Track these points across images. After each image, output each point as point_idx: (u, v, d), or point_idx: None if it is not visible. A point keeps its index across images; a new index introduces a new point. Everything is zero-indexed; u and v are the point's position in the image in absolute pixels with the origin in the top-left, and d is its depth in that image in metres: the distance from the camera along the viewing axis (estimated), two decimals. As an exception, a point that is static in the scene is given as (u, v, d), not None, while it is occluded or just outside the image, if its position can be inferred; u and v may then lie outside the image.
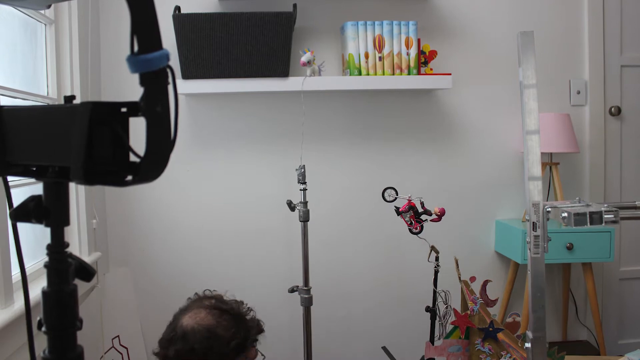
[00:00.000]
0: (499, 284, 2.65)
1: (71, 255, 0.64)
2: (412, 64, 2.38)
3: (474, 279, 1.82)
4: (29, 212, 0.62)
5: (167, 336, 1.40)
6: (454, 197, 2.64)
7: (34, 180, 0.64)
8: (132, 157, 0.57)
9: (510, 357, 1.66)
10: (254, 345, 1.44)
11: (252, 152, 2.54)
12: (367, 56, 2.37)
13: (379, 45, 2.37)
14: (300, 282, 2.16)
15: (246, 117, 2.53)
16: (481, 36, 2.62)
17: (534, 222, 1.13)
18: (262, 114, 2.54)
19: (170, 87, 0.56)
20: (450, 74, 2.41)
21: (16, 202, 0.64)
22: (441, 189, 2.63)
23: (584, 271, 2.48)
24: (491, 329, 1.71)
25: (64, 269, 0.63)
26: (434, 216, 1.86)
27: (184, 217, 2.52)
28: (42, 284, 0.64)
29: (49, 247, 0.62)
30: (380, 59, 2.37)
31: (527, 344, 1.16)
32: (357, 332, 2.65)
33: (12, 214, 0.62)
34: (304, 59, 2.27)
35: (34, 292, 0.81)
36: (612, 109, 2.71)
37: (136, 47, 0.53)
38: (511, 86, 2.62)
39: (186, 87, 2.29)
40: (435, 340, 1.91)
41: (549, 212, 1.15)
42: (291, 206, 2.13)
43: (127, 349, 2.28)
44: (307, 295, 2.12)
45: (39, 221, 0.62)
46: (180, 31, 2.23)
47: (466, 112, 2.64)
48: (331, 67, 2.53)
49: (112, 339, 2.27)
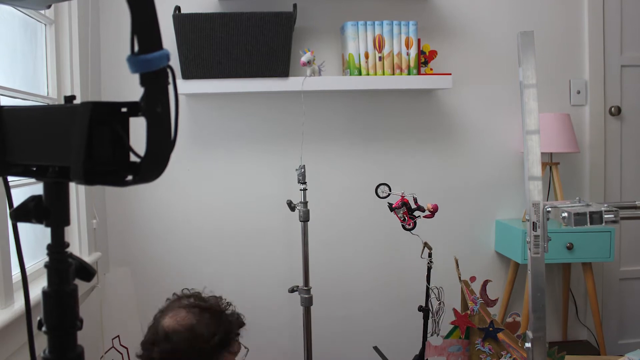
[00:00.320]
0: (499, 284, 2.65)
1: (71, 255, 0.64)
2: (412, 64, 2.38)
3: (474, 279, 1.82)
4: (29, 212, 0.62)
5: (149, 338, 1.41)
6: (454, 197, 2.64)
7: (34, 180, 0.64)
8: (133, 157, 0.57)
9: (510, 357, 1.66)
10: (236, 339, 1.45)
11: (252, 152, 2.54)
12: (367, 56, 2.37)
13: (379, 45, 2.37)
14: (300, 282, 2.16)
15: (246, 117, 2.53)
16: (481, 36, 2.62)
17: (534, 222, 1.13)
18: (262, 114, 2.54)
19: (170, 87, 0.56)
20: (450, 74, 2.41)
21: (16, 202, 0.64)
22: (441, 189, 2.63)
23: (584, 271, 2.48)
24: (491, 328, 1.71)
25: (64, 269, 0.63)
26: (427, 212, 1.85)
27: (184, 217, 2.52)
28: (43, 284, 0.64)
29: (49, 247, 0.62)
30: (380, 59, 2.37)
31: (527, 344, 1.16)
32: (357, 332, 2.65)
33: (12, 214, 0.62)
34: (304, 59, 2.27)
35: (34, 292, 0.81)
36: (612, 109, 2.71)
37: (136, 47, 0.53)
38: (511, 86, 2.62)
39: (186, 87, 2.29)
40: (428, 337, 1.91)
41: (549, 212, 1.15)
42: (291, 206, 2.13)
43: (127, 349, 2.28)
44: (307, 295, 2.12)
45: (39, 221, 0.62)
46: (180, 31, 2.23)
47: (466, 112, 2.64)
48: (331, 67, 2.53)
49: (112, 339, 2.27)
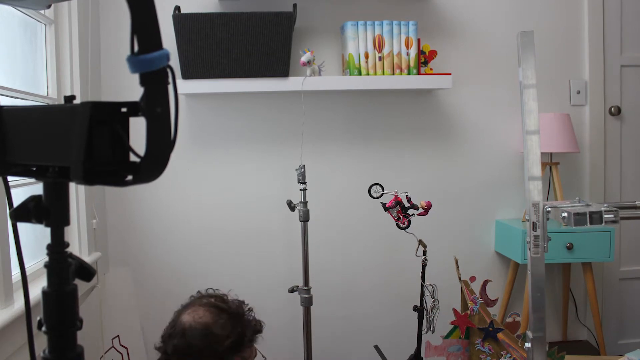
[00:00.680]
0: (499, 284, 2.65)
1: (71, 255, 0.64)
2: (412, 63, 2.38)
3: (474, 279, 1.82)
4: (29, 212, 0.62)
5: (167, 332, 1.45)
6: (454, 197, 2.64)
7: (34, 180, 0.64)
8: (133, 157, 0.57)
9: (510, 357, 1.66)
10: (250, 345, 1.47)
11: (252, 152, 2.54)
12: (367, 56, 2.37)
13: (379, 45, 2.37)
14: (300, 282, 2.16)
15: (246, 117, 2.53)
16: (481, 36, 2.62)
17: (533, 222, 1.13)
18: (262, 114, 2.54)
19: (170, 87, 0.56)
20: (450, 74, 2.41)
21: (16, 202, 0.64)
22: (441, 189, 2.63)
23: (584, 271, 2.48)
24: (491, 328, 1.71)
25: (64, 269, 0.63)
26: (421, 210, 1.85)
27: (184, 217, 2.52)
28: (43, 283, 0.64)
29: (49, 247, 0.63)
30: (380, 58, 2.37)
31: (527, 344, 1.16)
32: (358, 331, 2.65)
33: (12, 214, 0.62)
34: (304, 59, 2.27)
35: (34, 292, 0.81)
36: (612, 109, 2.71)
37: (136, 47, 0.53)
38: (511, 86, 2.62)
39: (186, 87, 2.29)
40: (423, 334, 1.91)
41: (548, 212, 1.15)
42: (291, 206, 2.13)
43: (127, 349, 2.28)
44: (307, 295, 2.12)
45: (39, 221, 0.62)
46: (180, 31, 2.23)
47: (466, 112, 2.64)
48: (331, 67, 2.53)
49: (112, 339, 2.27)
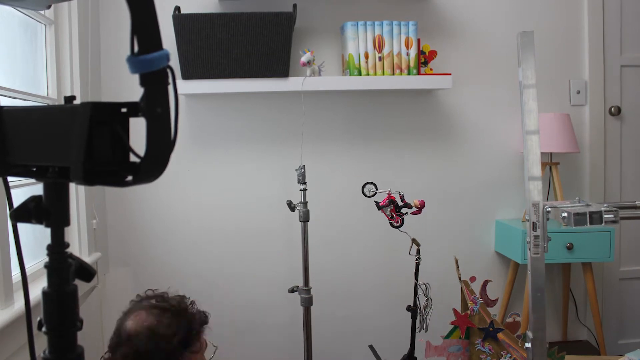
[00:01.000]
0: (499, 284, 2.65)
1: (71, 255, 0.64)
2: (412, 64, 2.38)
3: (474, 279, 1.82)
4: (29, 212, 0.62)
5: (113, 341, 1.42)
6: (454, 197, 2.64)
7: (34, 180, 0.64)
8: (133, 157, 0.57)
9: (510, 357, 1.66)
10: (198, 337, 1.44)
11: (252, 152, 2.54)
12: (367, 56, 2.37)
13: (379, 45, 2.37)
14: (300, 282, 2.16)
15: (246, 117, 2.53)
16: (481, 36, 2.62)
17: (533, 222, 1.13)
18: (262, 114, 2.54)
19: (170, 88, 0.56)
20: (450, 74, 2.41)
21: (17, 203, 0.64)
22: (441, 189, 2.63)
23: (584, 271, 2.48)
24: (491, 329, 1.71)
25: (64, 270, 0.63)
26: (414, 209, 1.85)
27: (184, 217, 2.52)
28: (43, 284, 0.64)
29: (49, 247, 0.63)
30: (380, 59, 2.37)
31: (527, 344, 1.16)
32: (358, 331, 2.65)
33: (12, 215, 0.62)
34: (304, 59, 2.27)
35: (35, 293, 0.81)
36: (612, 109, 2.71)
37: (136, 48, 0.53)
38: (511, 86, 2.62)
39: (186, 87, 2.29)
40: (416, 333, 1.91)
41: (548, 212, 1.15)
42: (291, 206, 2.13)
43: (127, 349, 2.28)
44: (307, 295, 2.12)
45: (39, 221, 0.62)
46: (180, 31, 2.23)
47: (466, 112, 2.64)
48: (331, 67, 2.53)
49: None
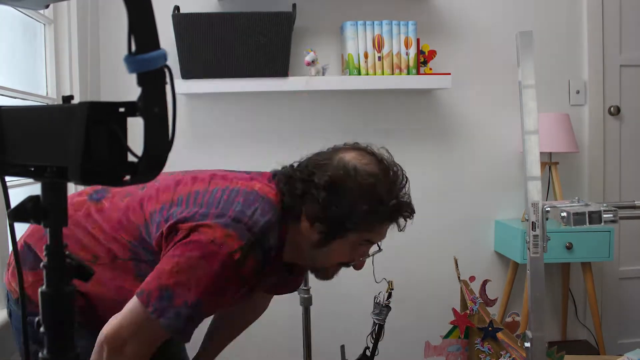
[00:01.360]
0: (498, 283, 2.64)
1: (70, 255, 0.64)
2: (411, 63, 2.38)
3: (473, 279, 1.82)
4: (27, 212, 0.62)
5: (317, 163, 1.21)
6: (453, 196, 2.64)
7: (32, 180, 0.64)
8: (130, 157, 0.57)
9: (509, 357, 1.66)
10: (402, 222, 1.24)
11: (252, 152, 2.54)
12: (366, 56, 2.36)
13: (379, 45, 2.36)
14: (299, 282, 2.16)
15: (246, 117, 2.53)
16: (481, 36, 2.62)
17: (533, 222, 1.13)
18: (261, 114, 2.53)
19: (168, 87, 0.56)
20: (449, 74, 2.41)
21: (15, 203, 0.64)
22: (440, 189, 2.63)
23: (583, 271, 2.48)
24: (491, 328, 1.71)
25: (62, 269, 0.63)
26: None
27: (184, 217, 2.51)
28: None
29: (47, 247, 0.62)
30: (379, 58, 2.37)
31: (527, 344, 1.16)
32: (357, 332, 2.64)
33: (10, 214, 0.62)
34: (308, 58, 2.28)
35: (33, 292, 0.81)
36: (612, 109, 2.71)
37: (134, 47, 0.53)
38: (511, 86, 2.61)
39: (186, 87, 2.29)
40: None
41: (548, 211, 1.15)
42: (291, 206, 2.12)
43: (126, 349, 2.28)
44: (306, 295, 2.12)
45: (37, 221, 0.62)
46: (179, 31, 2.23)
47: (466, 112, 2.63)
48: (331, 67, 2.52)
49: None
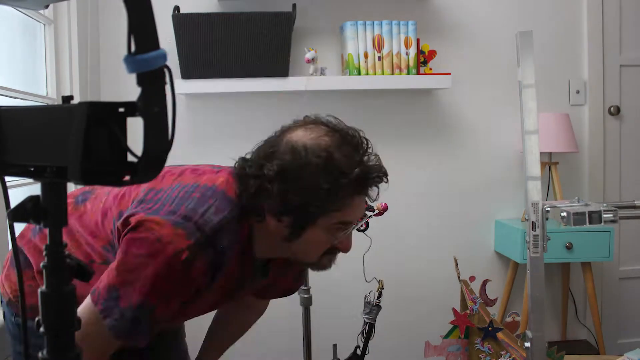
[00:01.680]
0: (498, 283, 2.64)
1: (69, 255, 0.64)
2: (411, 63, 2.38)
3: (473, 279, 1.82)
4: (27, 212, 0.61)
5: (265, 152, 1.06)
6: (453, 196, 2.64)
7: (32, 180, 0.64)
8: (130, 157, 0.57)
9: (509, 357, 1.66)
10: (374, 189, 1.10)
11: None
12: (366, 56, 2.36)
13: (379, 45, 2.36)
14: (299, 282, 2.16)
15: (245, 117, 2.53)
16: (481, 36, 2.62)
17: (533, 222, 1.13)
18: (261, 114, 2.53)
19: (167, 87, 0.56)
20: (449, 74, 2.41)
21: (14, 203, 0.64)
22: (440, 189, 2.63)
23: (583, 271, 2.48)
24: (491, 328, 1.71)
25: (62, 270, 0.63)
26: (377, 212, 1.89)
27: (184, 217, 2.51)
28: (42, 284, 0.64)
29: (47, 247, 0.62)
30: (379, 58, 2.37)
31: (527, 344, 1.16)
32: (357, 332, 2.64)
33: (10, 215, 0.62)
34: (309, 55, 2.31)
35: (33, 293, 0.81)
36: (612, 109, 2.71)
37: (133, 47, 0.53)
38: (511, 86, 2.61)
39: (186, 87, 2.29)
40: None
41: (548, 211, 1.15)
42: (291, 206, 2.12)
43: (126, 349, 2.28)
44: (306, 295, 2.12)
45: (37, 222, 0.62)
46: (179, 31, 2.23)
47: (465, 112, 2.63)
48: (331, 67, 2.52)
49: (111, 339, 2.27)
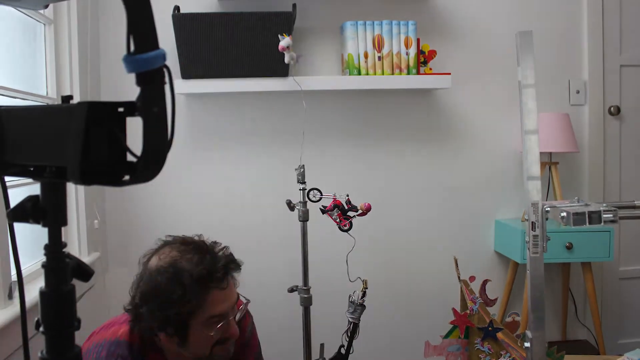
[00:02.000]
0: (498, 283, 2.65)
1: (69, 255, 0.64)
2: (411, 63, 2.38)
3: (473, 279, 1.82)
4: (26, 212, 0.62)
5: (135, 284, 1.36)
6: (453, 196, 2.64)
7: (31, 180, 0.64)
8: (130, 157, 0.57)
9: (509, 357, 1.66)
10: (224, 275, 1.30)
11: (252, 152, 2.54)
12: (366, 56, 2.36)
13: (379, 45, 2.36)
14: (299, 282, 2.16)
15: (245, 117, 2.53)
16: (481, 36, 2.62)
17: (533, 222, 1.13)
18: (261, 114, 2.53)
19: (167, 87, 0.56)
20: (449, 74, 2.41)
21: (14, 203, 0.64)
22: (440, 189, 2.63)
23: (583, 271, 2.48)
24: (490, 328, 1.71)
25: (62, 269, 0.63)
26: (360, 211, 1.90)
27: (184, 217, 2.52)
28: (41, 283, 0.64)
29: (47, 247, 0.62)
30: (379, 58, 2.37)
31: (527, 344, 1.16)
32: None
33: (9, 214, 0.62)
34: (284, 43, 2.18)
35: (33, 292, 0.81)
36: (612, 109, 2.71)
37: (133, 47, 0.53)
38: (511, 86, 2.61)
39: (185, 87, 2.29)
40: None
41: (548, 211, 1.15)
42: (290, 206, 2.13)
43: (126, 349, 2.27)
44: (306, 295, 2.12)
45: (37, 221, 0.62)
46: (179, 31, 2.23)
47: (465, 112, 2.63)
48: (330, 66, 2.53)
49: (111, 339, 2.27)
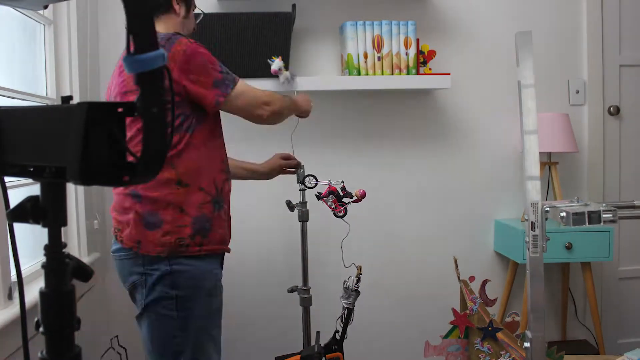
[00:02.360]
0: (498, 283, 2.65)
1: (69, 255, 0.64)
2: (411, 63, 2.38)
3: (473, 279, 1.82)
4: (26, 212, 0.62)
5: None
6: (453, 196, 2.64)
7: (31, 180, 0.64)
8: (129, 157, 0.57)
9: (509, 357, 1.66)
10: None
11: (251, 152, 2.53)
12: (366, 56, 2.36)
13: (378, 45, 2.37)
14: (299, 282, 2.16)
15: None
16: (480, 36, 2.62)
17: (532, 222, 1.13)
18: (261, 114, 2.53)
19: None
20: (449, 74, 2.41)
21: (14, 203, 0.64)
22: (440, 189, 2.63)
23: (583, 271, 2.48)
24: (490, 328, 1.71)
25: (62, 269, 0.63)
26: (355, 198, 1.92)
27: (183, 217, 2.51)
28: (41, 284, 0.64)
29: (47, 247, 0.63)
30: (379, 58, 2.37)
31: (526, 344, 1.16)
32: (357, 331, 2.65)
33: (9, 215, 0.62)
34: (274, 67, 2.18)
35: (34, 293, 0.81)
36: (611, 109, 2.71)
37: (132, 48, 0.53)
38: (510, 86, 2.61)
39: (185, 87, 2.28)
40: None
41: (547, 211, 1.15)
42: (290, 206, 2.13)
43: (125, 349, 2.27)
44: (306, 295, 2.12)
45: (37, 222, 0.62)
46: (179, 31, 2.23)
47: (465, 112, 2.63)
48: (330, 67, 2.53)
49: (110, 339, 2.27)
